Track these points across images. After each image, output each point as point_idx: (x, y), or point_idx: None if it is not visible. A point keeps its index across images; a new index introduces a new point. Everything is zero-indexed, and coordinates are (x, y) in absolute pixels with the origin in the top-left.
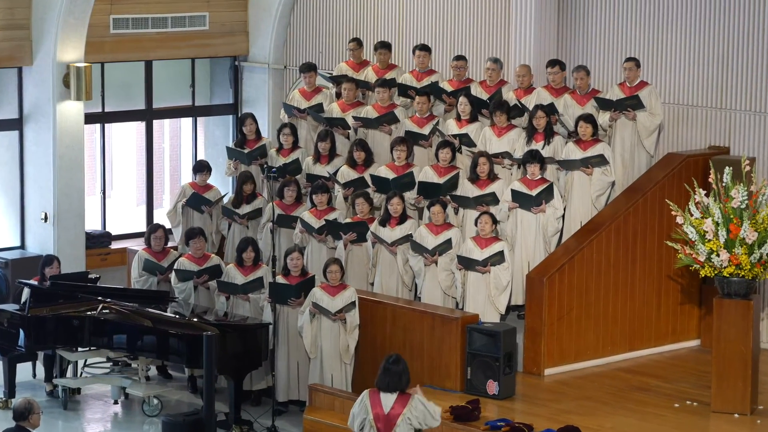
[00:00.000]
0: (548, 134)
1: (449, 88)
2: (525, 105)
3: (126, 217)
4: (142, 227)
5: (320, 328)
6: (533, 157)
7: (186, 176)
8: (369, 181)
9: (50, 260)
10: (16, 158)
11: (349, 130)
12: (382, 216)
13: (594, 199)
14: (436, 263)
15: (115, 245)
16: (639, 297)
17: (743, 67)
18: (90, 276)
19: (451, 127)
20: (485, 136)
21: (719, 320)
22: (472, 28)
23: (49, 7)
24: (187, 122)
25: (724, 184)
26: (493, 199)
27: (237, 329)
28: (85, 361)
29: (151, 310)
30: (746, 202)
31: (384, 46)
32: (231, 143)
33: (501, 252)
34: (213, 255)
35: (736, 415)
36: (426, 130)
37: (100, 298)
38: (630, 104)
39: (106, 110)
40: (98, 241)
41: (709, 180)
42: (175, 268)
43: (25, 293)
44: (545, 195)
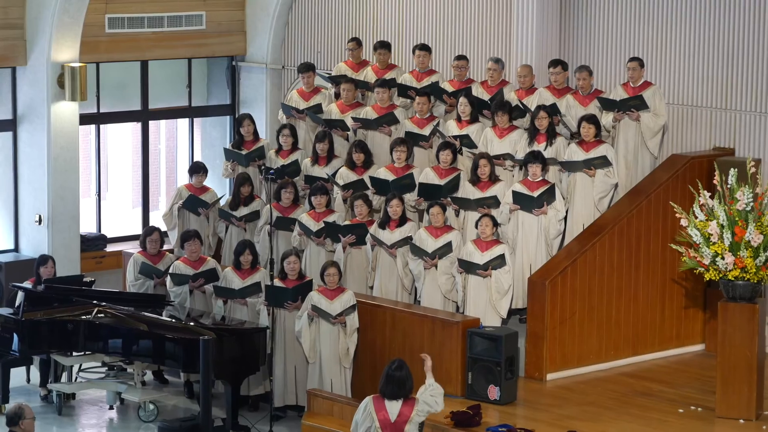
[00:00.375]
0: (550, 135)
1: (450, 88)
2: (527, 106)
3: (121, 220)
4: (138, 230)
5: (319, 332)
6: (535, 157)
7: (182, 178)
8: (368, 182)
9: (45, 260)
10: (9, 160)
11: (348, 131)
12: (382, 218)
13: (597, 201)
14: (436, 266)
15: (111, 248)
16: (642, 301)
17: (748, 67)
18: (85, 279)
19: (451, 128)
20: (486, 137)
21: (724, 324)
22: (473, 28)
23: (44, 6)
24: (183, 123)
25: (729, 186)
26: (494, 201)
27: (234, 333)
28: (80, 365)
29: (146, 313)
30: (751, 204)
31: (383, 46)
32: (228, 144)
33: (502, 255)
34: (209, 258)
35: (742, 421)
36: (426, 131)
37: (95, 301)
38: (633, 105)
39: (101, 111)
40: (93, 243)
41: (714, 182)
42: (171, 271)
43: (19, 297)
44: (547, 196)
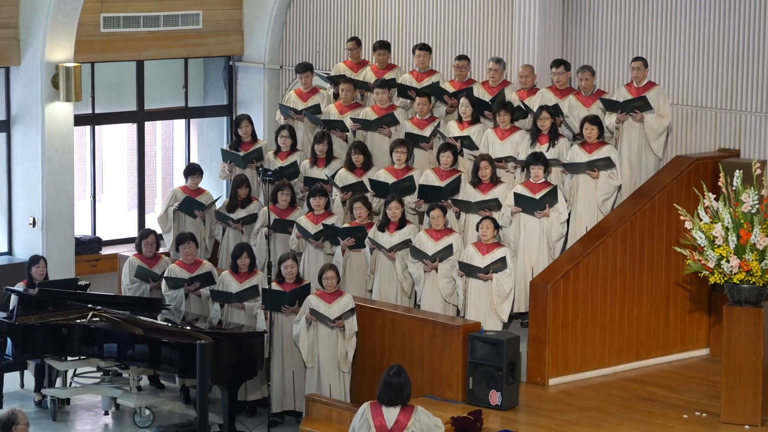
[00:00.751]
0: (553, 136)
1: (450, 88)
2: (529, 106)
3: (117, 222)
4: (134, 232)
5: (317, 337)
6: (537, 159)
7: (179, 180)
8: (368, 184)
9: (36, 260)
10: (3, 161)
11: (347, 133)
12: (381, 221)
13: (600, 203)
14: (437, 270)
15: (106, 251)
16: (646, 304)
17: (753, 67)
18: (80, 283)
19: (452, 129)
20: (488, 138)
21: (729, 328)
22: (474, 27)
23: (38, 5)
24: (179, 124)
25: (734, 188)
26: (496, 204)
27: (231, 338)
28: (75, 370)
29: (142, 317)
30: (757, 206)
31: (383, 46)
32: (225, 146)
33: (503, 258)
34: (205, 261)
35: (747, 426)
36: (427, 132)
37: (90, 305)
38: (637, 105)
39: (96, 112)
40: (88, 246)
41: (719, 183)
42: (166, 275)
43: (12, 300)
44: (549, 199)
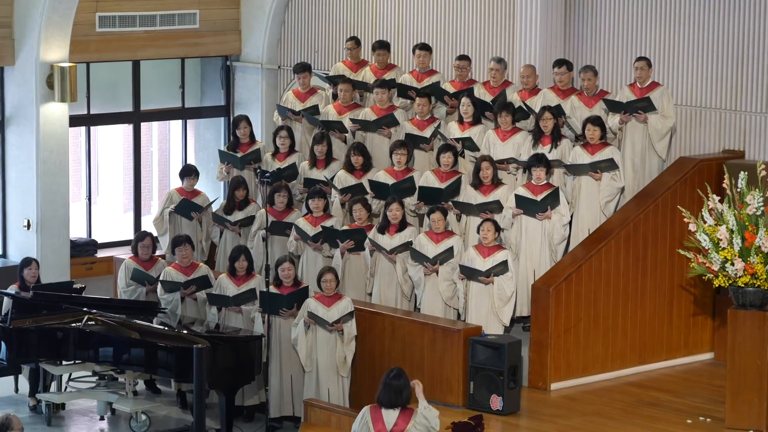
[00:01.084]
0: (555, 137)
1: (451, 89)
2: (530, 107)
3: (112, 225)
4: (129, 235)
5: (316, 340)
6: (538, 160)
7: (175, 181)
8: (367, 186)
9: (28, 262)
10: None
11: (346, 134)
12: (381, 223)
13: (603, 205)
14: (437, 273)
15: (101, 254)
16: (650, 308)
17: (759, 67)
18: (75, 286)
19: (453, 130)
20: (489, 139)
21: (734, 332)
22: (475, 27)
23: (32, 5)
24: (176, 125)
25: (738, 190)
26: (497, 206)
27: (229, 341)
28: (70, 375)
29: (138, 321)
30: (762, 208)
31: (382, 46)
32: (223, 147)
33: (505, 261)
34: (201, 264)
35: None
36: (427, 133)
37: (85, 309)
38: (641, 106)
39: (91, 112)
40: (83, 249)
41: (724, 185)
42: (161, 278)
43: (6, 304)
44: (551, 201)
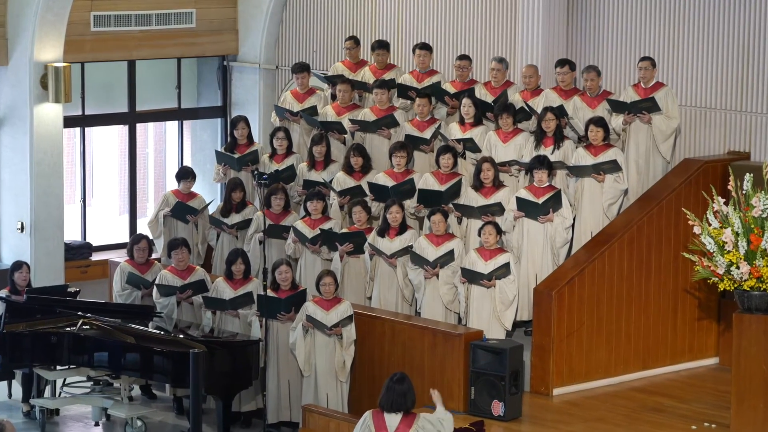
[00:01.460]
0: (558, 138)
1: (452, 89)
2: (532, 108)
3: (107, 227)
4: (125, 238)
5: (314, 345)
6: (540, 163)
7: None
8: (366, 188)
9: (19, 265)
10: None
11: (345, 135)
12: (381, 226)
13: (606, 207)
14: (437, 276)
15: (96, 257)
16: (654, 312)
17: (765, 67)
18: (69, 289)
19: (454, 131)
20: (490, 141)
21: (739, 337)
22: (476, 26)
23: (26, 4)
24: (172, 126)
25: (744, 192)
26: (499, 209)
27: (226, 346)
28: (64, 380)
29: (134, 325)
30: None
31: (382, 46)
32: (220, 148)
33: (506, 264)
34: (198, 268)
35: None
36: (427, 134)
37: (80, 313)
38: (645, 107)
39: (86, 113)
40: (78, 252)
41: (729, 187)
42: (157, 282)
43: None
44: (552, 203)
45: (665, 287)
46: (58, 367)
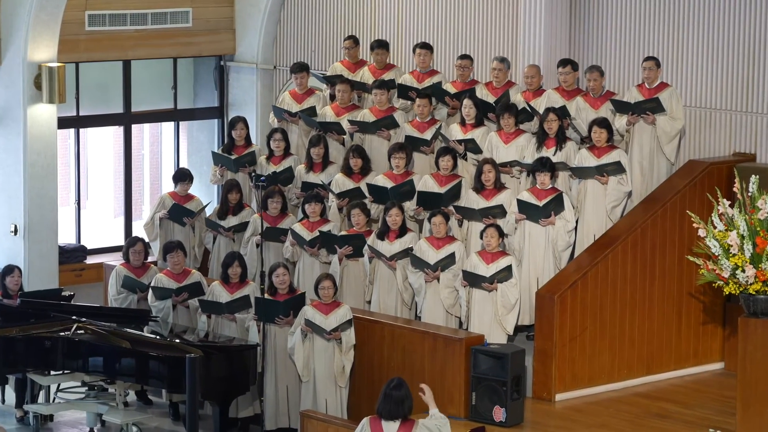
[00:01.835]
0: (560, 139)
1: (453, 89)
2: (534, 108)
3: (102, 230)
4: (120, 241)
5: (313, 349)
6: (543, 165)
7: (167, 185)
8: (365, 190)
9: (11, 269)
10: None
11: (344, 136)
12: (380, 228)
13: (609, 210)
14: (438, 279)
15: (91, 260)
16: (658, 316)
17: None
18: (63, 293)
19: (454, 132)
20: (491, 142)
21: (745, 341)
22: (477, 25)
23: (19, 3)
24: (168, 127)
25: (750, 194)
26: (500, 211)
27: (223, 351)
28: (58, 385)
29: (129, 330)
30: None
31: (381, 46)
32: (216, 149)
33: (508, 267)
34: (194, 271)
35: None
36: (427, 135)
37: (74, 317)
38: (649, 107)
39: (80, 114)
40: (72, 255)
41: (734, 189)
42: (152, 285)
43: None
44: (554, 206)
45: (669, 291)
46: (52, 372)
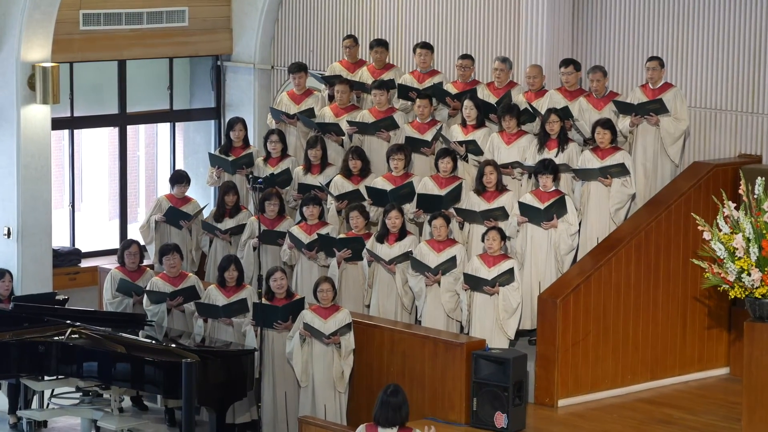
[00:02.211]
0: (562, 141)
1: (453, 90)
2: (536, 109)
3: (97, 233)
4: (115, 243)
5: (312, 354)
6: (545, 167)
7: (163, 187)
8: (364, 192)
9: (2, 274)
10: None
11: (343, 137)
12: (380, 231)
13: (612, 212)
14: (439, 283)
15: (86, 263)
16: (662, 321)
17: None
18: (57, 297)
19: (455, 134)
20: (493, 143)
21: (751, 346)
22: (478, 25)
23: (13, 2)
24: (164, 128)
25: (755, 196)
26: (502, 213)
27: (219, 356)
28: (52, 391)
29: (125, 334)
30: None
31: (381, 44)
32: (213, 150)
33: (510, 270)
34: (190, 274)
35: None
36: (428, 136)
37: (68, 321)
38: (653, 108)
39: (75, 115)
40: (67, 258)
41: (740, 191)
42: (147, 289)
43: None
44: (556, 209)
45: (674, 295)
46: (46, 378)
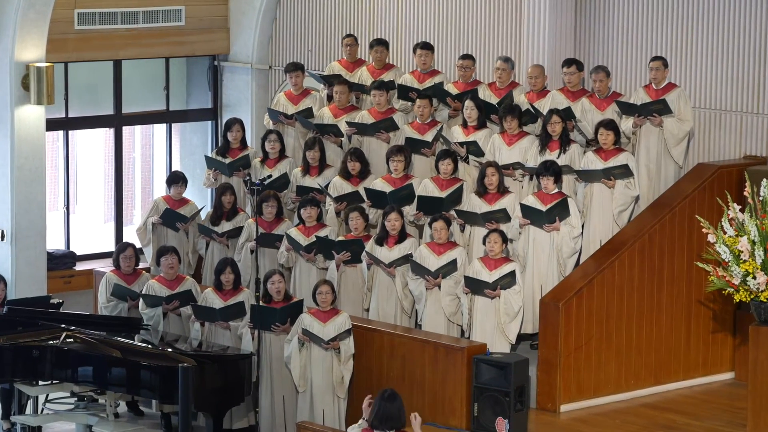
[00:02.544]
0: (564, 142)
1: (454, 90)
2: (538, 110)
3: (92, 235)
4: (110, 246)
5: (310, 358)
6: (546, 169)
7: (159, 189)
8: (363, 194)
9: None
10: None
11: (342, 138)
12: (379, 234)
13: (616, 215)
14: (439, 287)
15: (80, 266)
16: (666, 324)
17: None
18: (52, 301)
19: (456, 134)
20: (494, 144)
21: (756, 350)
22: (480, 24)
23: (7, 1)
24: (160, 129)
25: (761, 198)
26: (503, 215)
27: (216, 360)
28: (47, 396)
29: (120, 339)
30: None
31: (380, 44)
32: (210, 152)
33: (512, 273)
34: (187, 278)
35: None
36: (428, 137)
37: (63, 325)
38: (656, 109)
39: (70, 115)
40: (61, 261)
41: (745, 193)
42: (143, 292)
43: None
44: (559, 211)
45: (678, 298)
46: (41, 382)
